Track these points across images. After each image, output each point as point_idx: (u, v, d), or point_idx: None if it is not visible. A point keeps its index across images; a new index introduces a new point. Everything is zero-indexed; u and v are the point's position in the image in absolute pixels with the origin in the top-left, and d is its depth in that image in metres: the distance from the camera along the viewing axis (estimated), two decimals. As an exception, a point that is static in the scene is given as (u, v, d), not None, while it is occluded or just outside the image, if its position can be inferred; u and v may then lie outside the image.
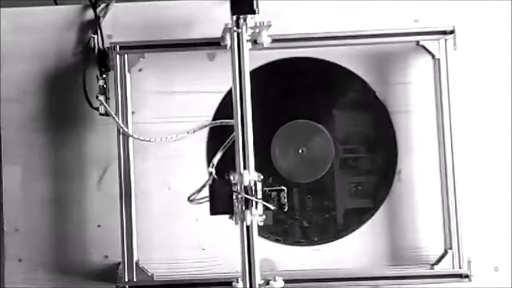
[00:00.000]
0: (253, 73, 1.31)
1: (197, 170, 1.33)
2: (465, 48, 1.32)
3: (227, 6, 1.32)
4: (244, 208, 1.17)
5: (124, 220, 1.27)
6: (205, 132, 1.34)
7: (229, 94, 1.33)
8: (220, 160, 1.26)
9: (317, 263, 1.32)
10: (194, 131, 1.32)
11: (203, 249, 1.33)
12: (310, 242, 1.33)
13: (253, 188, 1.17)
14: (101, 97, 1.29)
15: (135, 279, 1.27)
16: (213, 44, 1.29)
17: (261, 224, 1.19)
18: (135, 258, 1.27)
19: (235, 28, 1.21)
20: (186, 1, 1.35)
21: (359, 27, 1.31)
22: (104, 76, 1.31)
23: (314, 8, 1.34)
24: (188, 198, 1.21)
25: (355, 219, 1.33)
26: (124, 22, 1.35)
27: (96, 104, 1.30)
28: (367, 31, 1.29)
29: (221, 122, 1.32)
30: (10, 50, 1.35)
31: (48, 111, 1.34)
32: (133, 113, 1.30)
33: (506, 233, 1.32)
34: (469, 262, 1.27)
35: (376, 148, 1.34)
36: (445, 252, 1.27)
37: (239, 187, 1.17)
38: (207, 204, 1.19)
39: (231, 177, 1.18)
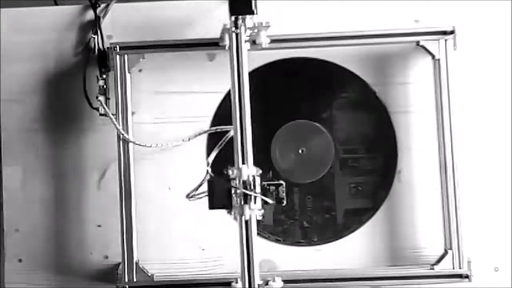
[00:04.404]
0: (254, 73, 1.32)
1: (197, 170, 1.33)
2: (465, 48, 1.31)
3: (227, 6, 1.32)
4: (242, 202, 1.17)
5: (124, 220, 1.27)
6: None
7: (229, 94, 1.33)
8: (218, 158, 1.26)
9: (317, 263, 1.32)
10: (189, 139, 1.32)
11: (203, 249, 1.33)
12: (310, 243, 1.33)
13: (252, 182, 1.17)
14: (101, 98, 1.29)
15: (135, 280, 1.27)
16: (213, 44, 1.29)
17: (260, 218, 1.18)
18: (135, 259, 1.27)
19: (233, 29, 1.21)
20: (186, 1, 1.35)
21: (359, 27, 1.31)
22: (104, 76, 1.31)
23: (314, 8, 1.34)
24: (187, 195, 1.21)
25: (355, 219, 1.33)
26: (124, 22, 1.35)
27: (96, 104, 1.30)
28: (367, 31, 1.29)
29: (216, 129, 1.31)
30: (10, 50, 1.35)
31: (48, 111, 1.34)
32: (133, 113, 1.30)
33: (506, 233, 1.31)
34: (469, 262, 1.27)
35: (376, 148, 1.34)
36: (445, 252, 1.27)
37: (237, 182, 1.17)
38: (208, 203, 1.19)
39: (230, 172, 1.18)
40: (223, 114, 1.33)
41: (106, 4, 1.34)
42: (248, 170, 1.17)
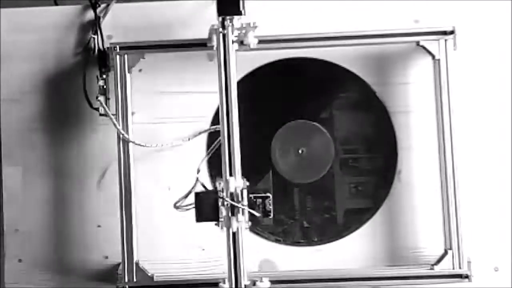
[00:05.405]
0: (253, 73, 1.32)
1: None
2: (465, 48, 1.31)
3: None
4: (230, 214, 1.17)
5: (124, 220, 1.27)
6: (205, 133, 1.34)
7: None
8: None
9: (317, 263, 1.32)
10: (189, 139, 1.32)
11: (203, 249, 1.33)
12: (310, 243, 1.33)
13: (239, 194, 1.17)
14: (101, 98, 1.29)
15: (135, 280, 1.27)
16: (213, 44, 1.29)
17: (247, 230, 1.19)
18: (135, 259, 1.27)
19: (220, 29, 1.22)
20: (185, 1, 1.35)
21: (359, 27, 1.31)
22: (104, 76, 1.31)
23: (314, 8, 1.34)
24: (174, 204, 1.21)
25: (355, 219, 1.33)
26: (124, 22, 1.35)
27: (96, 104, 1.30)
28: (367, 32, 1.29)
29: (216, 128, 1.31)
30: (10, 50, 1.35)
31: (48, 111, 1.34)
32: (133, 113, 1.30)
33: (506, 233, 1.32)
34: (469, 262, 1.27)
35: (376, 149, 1.34)
36: (445, 253, 1.27)
37: (225, 194, 1.17)
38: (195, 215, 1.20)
39: (217, 184, 1.19)
40: (223, 114, 1.33)
41: (107, 4, 1.34)
42: (236, 182, 1.18)
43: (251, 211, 1.18)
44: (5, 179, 1.34)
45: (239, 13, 1.21)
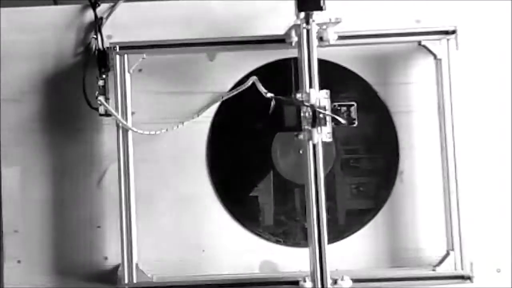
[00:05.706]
0: (254, 73, 1.31)
1: (197, 171, 1.32)
2: (467, 48, 1.31)
3: (226, 5, 1.32)
4: (311, 126, 1.17)
5: (124, 221, 1.27)
6: (205, 133, 1.33)
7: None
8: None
9: (318, 264, 1.31)
10: (198, 115, 1.31)
11: (203, 250, 1.33)
12: (311, 243, 1.33)
13: (320, 105, 1.18)
14: (101, 97, 1.29)
15: (135, 281, 1.27)
16: (213, 44, 1.29)
17: (329, 140, 1.20)
18: (135, 260, 1.26)
19: (304, 25, 1.22)
20: (186, 1, 1.34)
21: (360, 27, 1.31)
22: (104, 76, 1.30)
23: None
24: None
25: (357, 220, 1.33)
26: (124, 22, 1.34)
27: (95, 104, 1.29)
28: (369, 31, 1.29)
29: (228, 95, 1.30)
30: (10, 50, 1.34)
31: (48, 111, 1.34)
32: (133, 113, 1.30)
33: (508, 235, 1.31)
34: (471, 263, 1.27)
35: (378, 149, 1.34)
36: (447, 254, 1.27)
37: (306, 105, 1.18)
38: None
39: (298, 95, 1.19)
40: (223, 114, 1.33)
41: (112, 4, 1.34)
42: (317, 93, 1.18)
43: (336, 117, 1.18)
44: (4, 179, 1.34)
45: (320, 8, 1.21)
